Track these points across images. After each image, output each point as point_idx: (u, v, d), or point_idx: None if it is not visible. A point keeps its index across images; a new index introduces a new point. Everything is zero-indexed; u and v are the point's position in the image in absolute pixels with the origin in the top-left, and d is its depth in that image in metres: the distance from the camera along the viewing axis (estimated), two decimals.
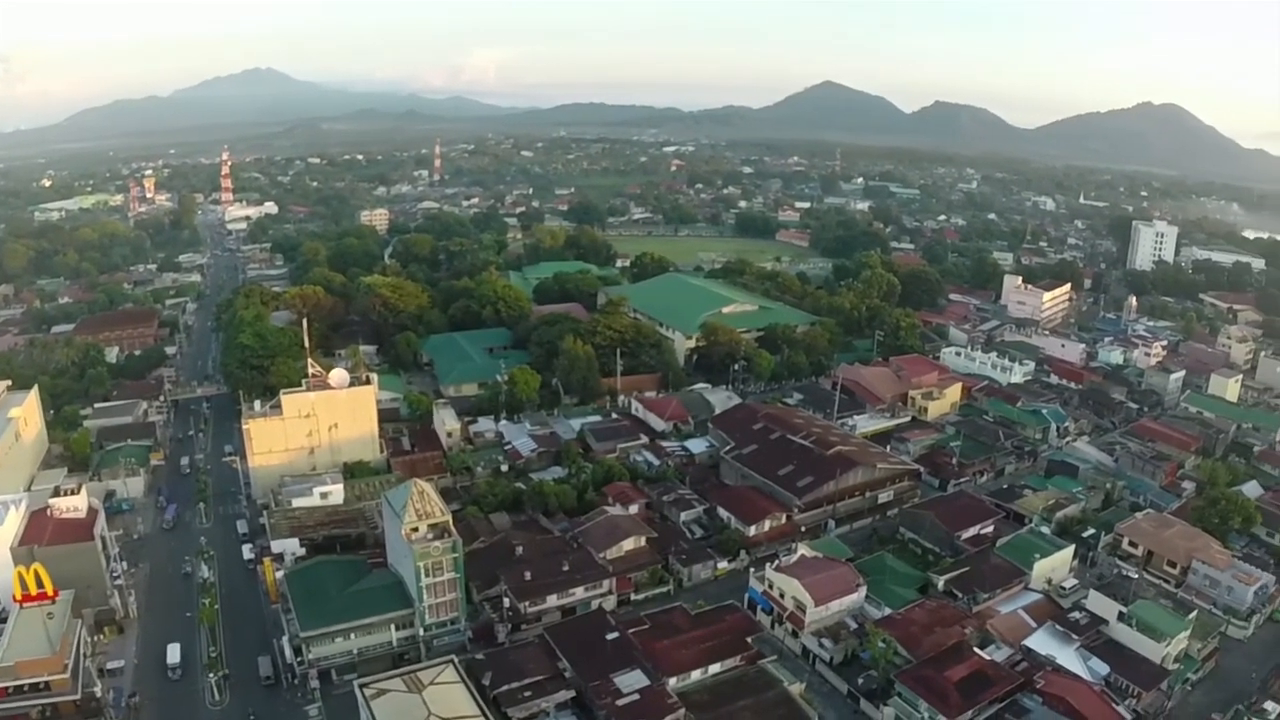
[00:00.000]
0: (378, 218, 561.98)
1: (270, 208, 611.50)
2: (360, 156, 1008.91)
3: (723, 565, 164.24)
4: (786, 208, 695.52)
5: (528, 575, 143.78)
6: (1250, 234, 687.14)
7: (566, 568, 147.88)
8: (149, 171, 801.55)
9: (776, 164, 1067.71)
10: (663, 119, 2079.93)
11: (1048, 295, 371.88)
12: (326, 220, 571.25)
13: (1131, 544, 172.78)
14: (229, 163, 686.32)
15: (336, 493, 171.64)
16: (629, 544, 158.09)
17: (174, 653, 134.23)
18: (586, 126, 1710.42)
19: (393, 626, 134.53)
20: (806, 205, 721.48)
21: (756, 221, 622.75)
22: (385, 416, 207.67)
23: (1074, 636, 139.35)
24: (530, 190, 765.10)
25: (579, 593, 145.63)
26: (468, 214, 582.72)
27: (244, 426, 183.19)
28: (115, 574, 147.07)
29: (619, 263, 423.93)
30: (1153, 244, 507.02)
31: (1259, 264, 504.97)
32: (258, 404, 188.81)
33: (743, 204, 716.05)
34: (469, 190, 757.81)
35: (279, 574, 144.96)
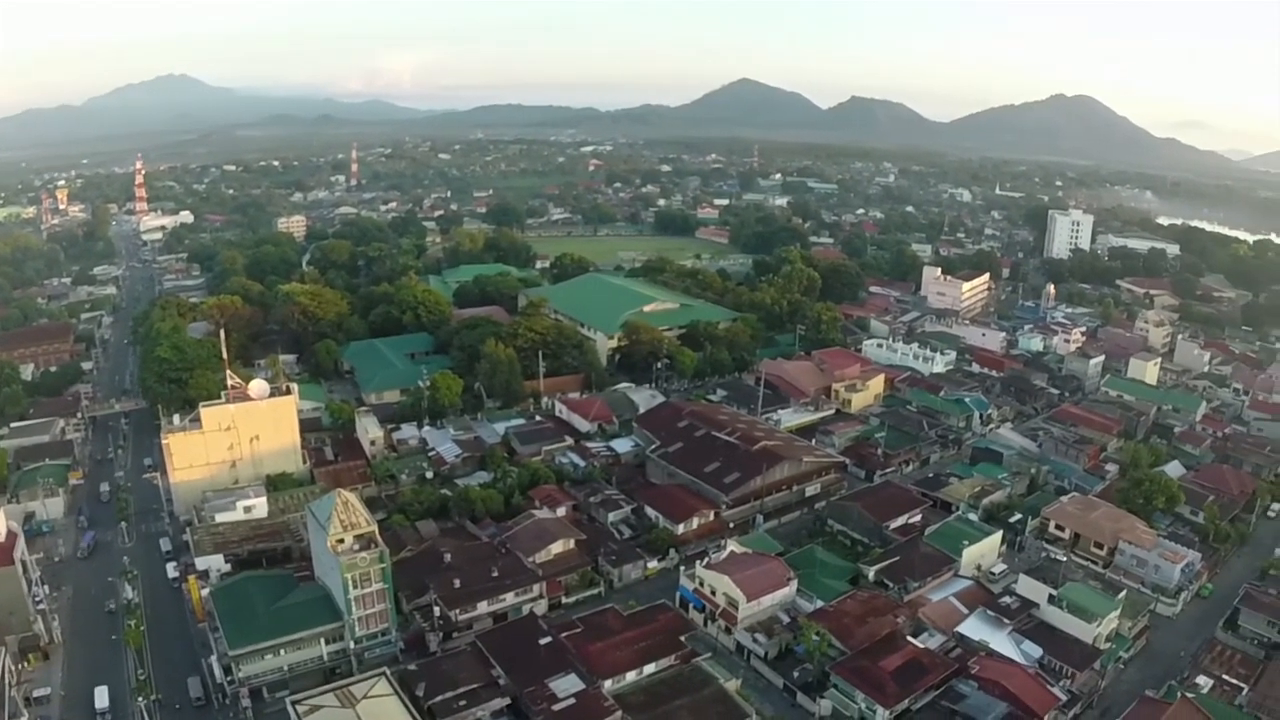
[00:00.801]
0: (295, 224, 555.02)
1: (186, 217, 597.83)
2: (276, 163, 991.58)
3: (653, 565, 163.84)
4: (705, 205, 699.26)
5: (457, 583, 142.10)
6: (1164, 221, 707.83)
7: (496, 573, 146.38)
8: (61, 182, 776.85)
9: (695, 162, 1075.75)
10: (580, 119, 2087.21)
11: (967, 285, 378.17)
12: (243, 228, 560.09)
13: (1058, 527, 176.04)
14: (143, 172, 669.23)
15: (260, 506, 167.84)
16: (558, 547, 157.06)
17: (101, 696, 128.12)
18: (504, 128, 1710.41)
19: (323, 641, 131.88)
20: (725, 202, 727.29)
21: (676, 219, 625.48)
22: (307, 426, 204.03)
23: (1006, 621, 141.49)
24: (448, 193, 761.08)
25: (509, 598, 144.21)
26: (386, 219, 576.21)
27: (163, 441, 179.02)
28: (38, 599, 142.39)
29: (539, 264, 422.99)
30: (1069, 232, 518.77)
31: (1173, 249, 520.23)
32: (177, 418, 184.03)
33: (662, 202, 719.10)
34: (387, 195, 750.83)
35: (204, 592, 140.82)
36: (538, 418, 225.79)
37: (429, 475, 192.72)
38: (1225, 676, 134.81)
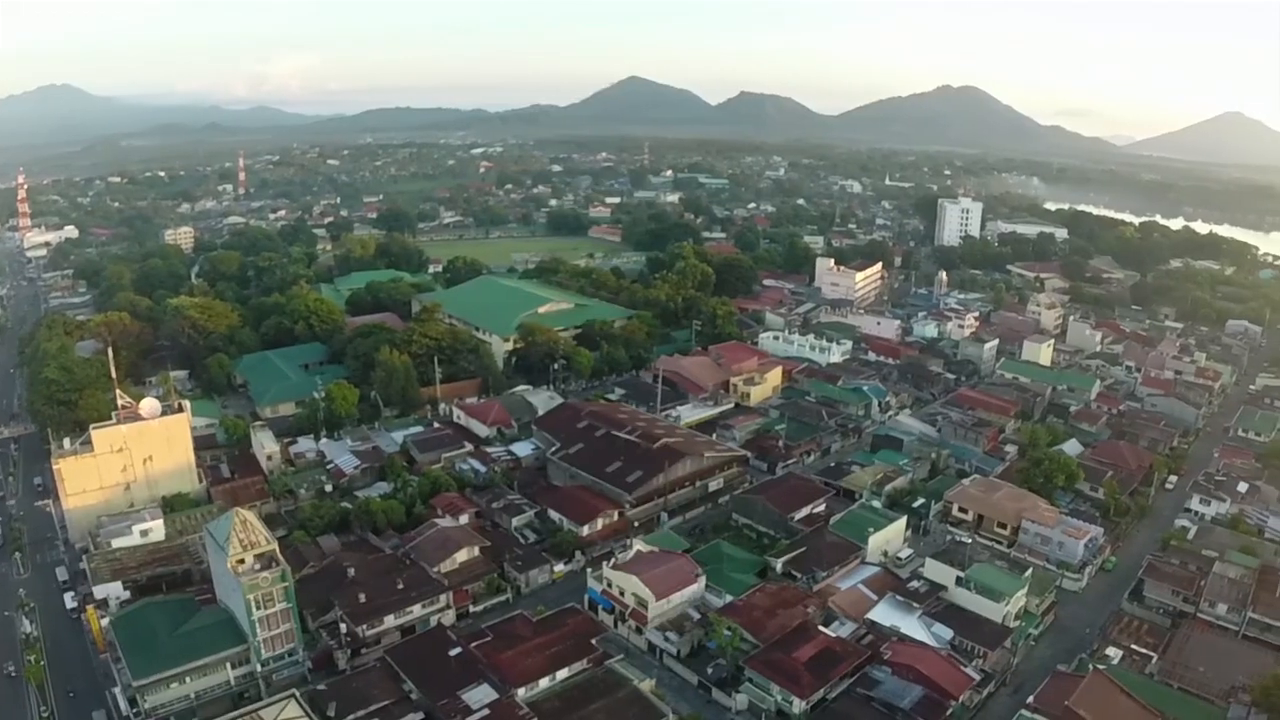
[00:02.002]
0: (183, 236, 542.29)
1: (71, 232, 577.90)
2: (163, 173, 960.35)
3: (559, 568, 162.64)
4: (597, 204, 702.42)
5: (362, 597, 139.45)
6: (1051, 206, 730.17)
7: (401, 586, 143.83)
8: None
9: (586, 161, 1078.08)
10: (470, 120, 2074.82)
11: (860, 275, 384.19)
12: (130, 242, 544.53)
13: (961, 510, 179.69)
14: (25, 186, 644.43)
15: (157, 529, 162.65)
16: (462, 555, 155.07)
17: None
18: (393, 131, 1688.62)
19: (228, 665, 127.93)
20: (617, 200, 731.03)
21: (568, 219, 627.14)
22: (202, 444, 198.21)
23: (915, 605, 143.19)
24: (338, 199, 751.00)
25: (416, 610, 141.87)
26: (275, 227, 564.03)
27: (54, 466, 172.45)
28: None
29: (432, 268, 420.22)
30: (959, 220, 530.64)
31: (1061, 233, 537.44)
32: (67, 442, 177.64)
33: (553, 202, 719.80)
34: (275, 203, 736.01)
35: (104, 621, 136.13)
36: (436, 424, 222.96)
37: (328, 489, 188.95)
38: (1134, 647, 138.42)
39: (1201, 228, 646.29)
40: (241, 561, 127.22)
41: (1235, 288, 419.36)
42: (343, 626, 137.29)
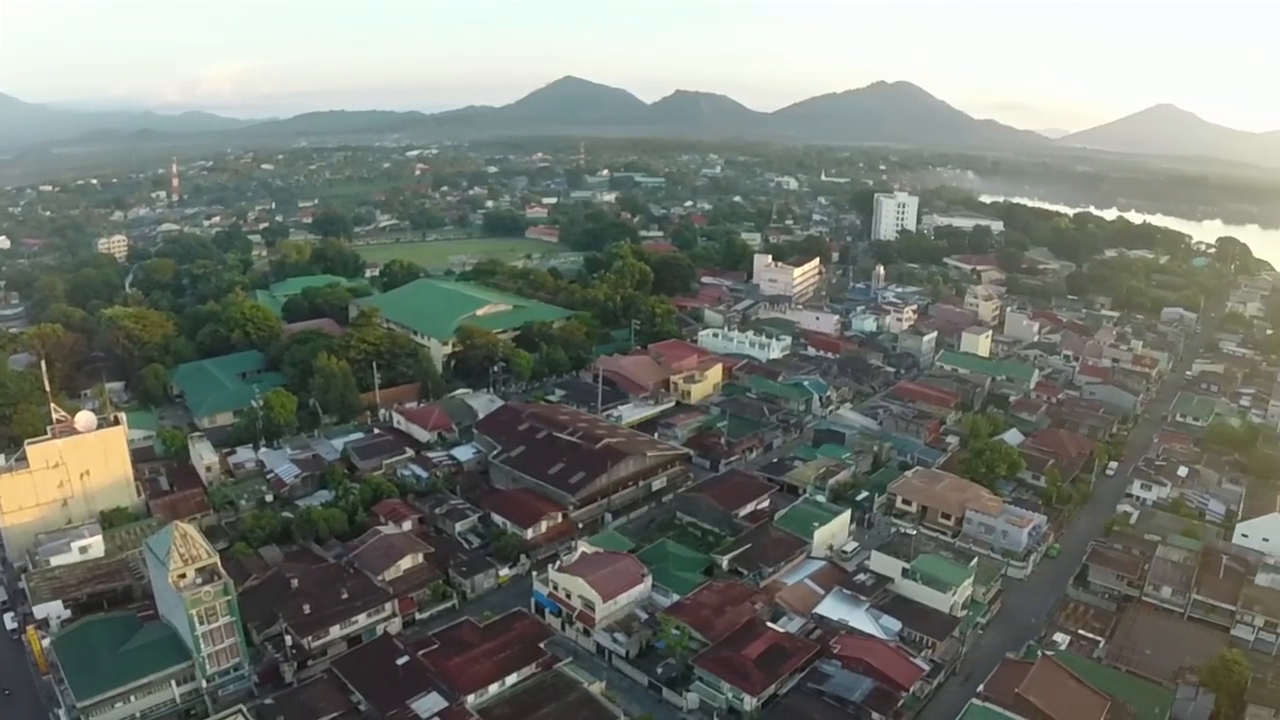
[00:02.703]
0: (116, 245, 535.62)
1: (2, 242, 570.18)
2: (95, 181, 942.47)
3: (504, 572, 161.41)
4: (534, 204, 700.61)
5: (307, 608, 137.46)
6: (986, 199, 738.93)
7: (346, 595, 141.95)
8: None
9: (521, 161, 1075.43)
10: (405, 123, 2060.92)
11: (798, 271, 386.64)
12: (63, 251, 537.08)
13: (905, 502, 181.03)
14: None
15: (96, 545, 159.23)
16: (406, 562, 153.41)
17: None
18: (328, 135, 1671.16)
19: (174, 682, 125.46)
20: (554, 200, 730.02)
21: (505, 220, 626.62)
22: (139, 456, 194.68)
23: (862, 598, 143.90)
24: (273, 205, 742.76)
25: (362, 619, 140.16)
26: (210, 234, 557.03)
27: None
28: None
29: (368, 272, 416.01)
30: (895, 214, 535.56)
31: (997, 226, 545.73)
32: (2, 458, 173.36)
33: (490, 204, 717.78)
34: (210, 209, 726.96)
35: (45, 642, 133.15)
36: (376, 430, 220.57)
37: (269, 499, 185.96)
38: (1081, 632, 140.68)
39: (1135, 218, 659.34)
40: (183, 576, 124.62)
41: (1169, 276, 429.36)
42: (288, 639, 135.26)
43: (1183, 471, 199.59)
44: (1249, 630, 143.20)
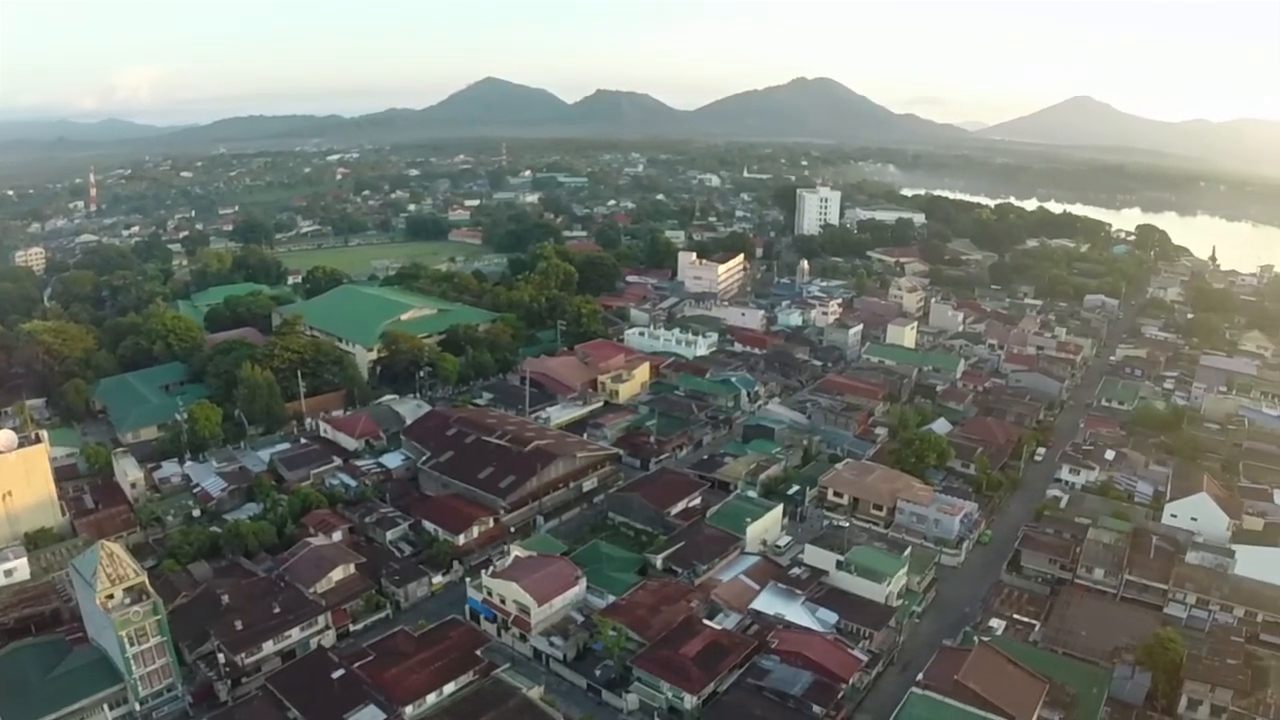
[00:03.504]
0: (33, 257, 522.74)
1: None
2: (10, 191, 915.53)
3: (438, 580, 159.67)
4: (456, 207, 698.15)
5: (239, 624, 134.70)
6: (908, 192, 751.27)
7: (278, 610, 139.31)
8: None
9: (443, 164, 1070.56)
10: (325, 127, 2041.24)
11: (722, 267, 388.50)
12: None
13: (836, 494, 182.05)
14: None
15: (21, 568, 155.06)
16: (338, 573, 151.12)
17: None
18: (247, 140, 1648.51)
19: (106, 707, 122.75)
20: (476, 203, 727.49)
21: (427, 224, 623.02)
22: (63, 475, 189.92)
23: (798, 592, 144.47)
24: (193, 213, 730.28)
25: (295, 634, 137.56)
26: (129, 244, 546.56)
27: None
28: None
29: (291, 279, 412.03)
30: (818, 209, 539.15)
31: (919, 218, 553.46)
32: None
33: (412, 207, 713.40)
34: (129, 219, 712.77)
35: None
36: (303, 440, 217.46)
37: (196, 514, 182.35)
38: (1016, 616, 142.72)
39: (1055, 208, 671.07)
40: (111, 597, 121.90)
41: (1091, 264, 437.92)
42: (221, 656, 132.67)
43: (1110, 455, 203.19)
44: (1181, 608, 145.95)
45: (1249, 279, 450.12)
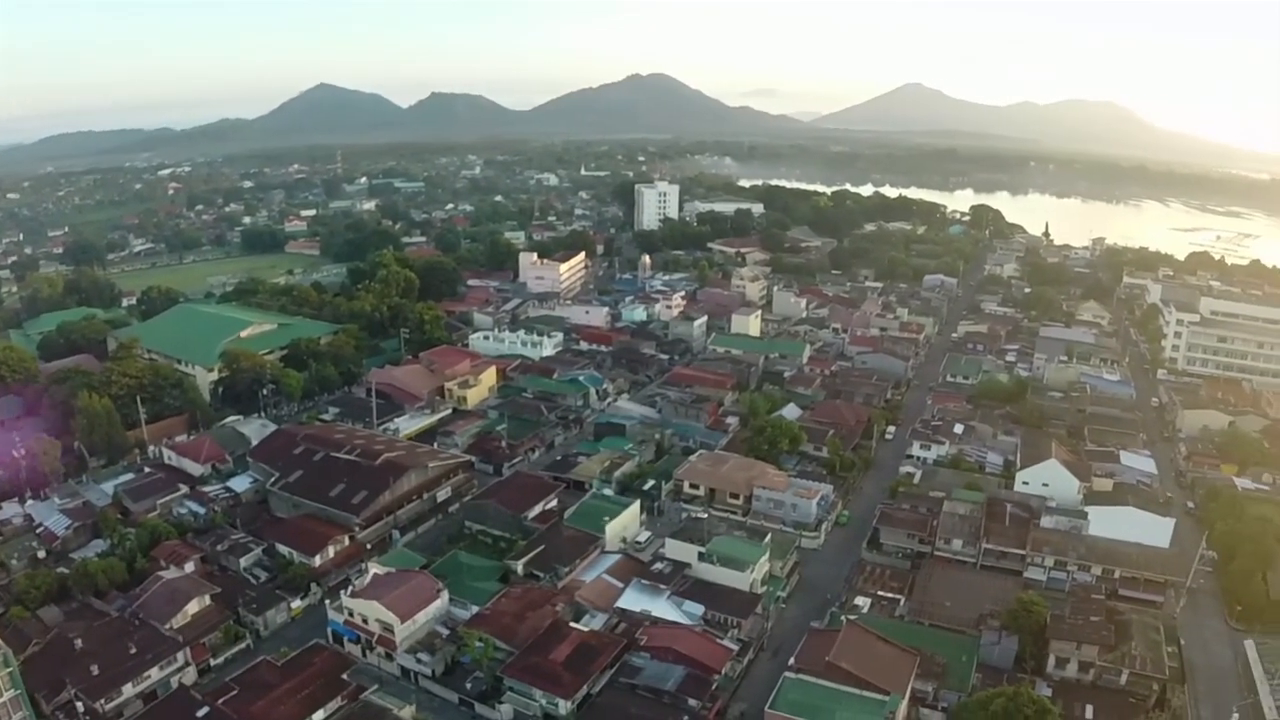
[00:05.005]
0: None
1: None
2: None
3: (296, 604, 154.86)
4: (293, 218, 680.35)
5: (95, 669, 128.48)
6: (746, 183, 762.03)
7: (134, 650, 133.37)
8: None
9: (278, 174, 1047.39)
10: (155, 140, 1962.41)
11: (564, 266, 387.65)
12: None
13: (692, 486, 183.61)
14: None
15: None
16: (193, 607, 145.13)
17: None
18: (75, 158, 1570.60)
19: None
20: (313, 213, 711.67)
21: (263, 236, 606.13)
22: None
23: (662, 586, 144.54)
24: (20, 236, 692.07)
25: (154, 673, 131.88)
26: None
27: None
28: None
29: (125, 301, 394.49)
30: (657, 204, 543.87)
31: (758, 209, 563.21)
32: None
33: (247, 220, 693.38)
34: None
35: None
36: (147, 469, 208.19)
37: (41, 555, 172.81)
38: (881, 593, 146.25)
39: (891, 192, 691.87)
40: None
41: (928, 245, 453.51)
42: (79, 705, 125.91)
43: (959, 429, 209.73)
44: (1041, 571, 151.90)
45: (1082, 252, 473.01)
